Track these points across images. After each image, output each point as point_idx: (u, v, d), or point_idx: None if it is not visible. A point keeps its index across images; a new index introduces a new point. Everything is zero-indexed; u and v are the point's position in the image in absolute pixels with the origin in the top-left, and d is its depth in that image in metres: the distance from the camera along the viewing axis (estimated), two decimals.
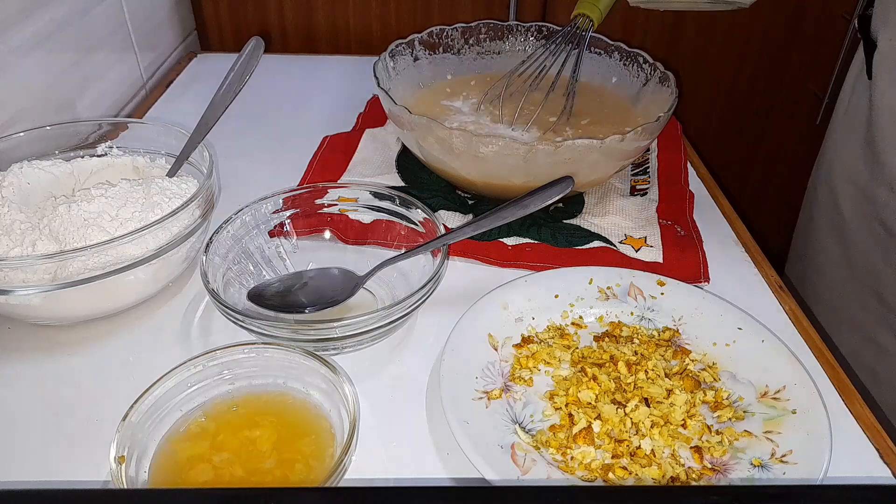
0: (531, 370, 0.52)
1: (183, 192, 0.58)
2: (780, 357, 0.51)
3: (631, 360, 0.51)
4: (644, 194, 0.72)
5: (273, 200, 0.60)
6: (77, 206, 0.53)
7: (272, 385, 0.47)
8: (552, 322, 0.56)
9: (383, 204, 0.61)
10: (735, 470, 0.45)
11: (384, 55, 0.74)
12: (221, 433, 0.44)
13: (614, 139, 0.59)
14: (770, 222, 1.36)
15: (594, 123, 0.74)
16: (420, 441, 0.47)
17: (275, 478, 0.42)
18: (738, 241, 0.67)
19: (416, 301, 0.50)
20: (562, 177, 0.57)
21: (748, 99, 1.22)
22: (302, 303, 0.54)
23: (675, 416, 0.48)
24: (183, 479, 0.41)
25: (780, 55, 1.16)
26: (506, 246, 0.64)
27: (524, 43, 0.82)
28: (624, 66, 0.77)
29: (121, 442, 0.41)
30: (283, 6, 1.07)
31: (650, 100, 0.73)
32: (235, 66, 0.61)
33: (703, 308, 0.56)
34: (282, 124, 0.85)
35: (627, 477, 0.44)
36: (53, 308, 0.52)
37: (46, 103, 0.73)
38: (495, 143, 0.59)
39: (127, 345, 0.54)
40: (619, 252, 0.63)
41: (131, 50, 0.90)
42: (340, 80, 0.96)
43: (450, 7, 1.07)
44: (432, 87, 0.79)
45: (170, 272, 0.57)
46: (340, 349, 0.52)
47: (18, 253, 0.51)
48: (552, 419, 0.49)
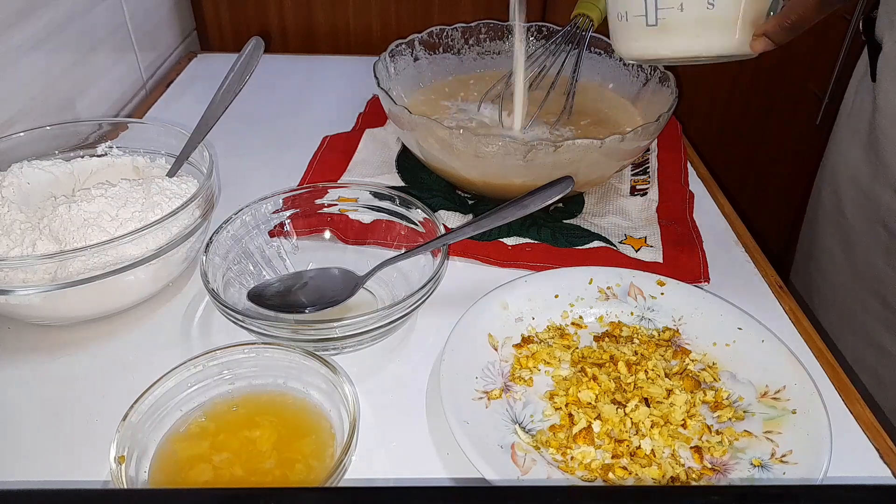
0: (531, 370, 0.52)
1: (183, 192, 0.58)
2: (780, 357, 0.51)
3: (631, 360, 0.51)
4: (644, 194, 0.72)
5: (273, 200, 0.60)
6: (77, 206, 0.53)
7: (272, 385, 0.47)
8: (552, 322, 0.56)
9: (383, 204, 0.61)
10: (735, 470, 0.45)
11: (384, 55, 0.74)
12: (221, 433, 0.44)
13: (614, 139, 0.59)
14: (770, 222, 1.36)
15: (594, 124, 0.74)
16: (420, 441, 0.47)
17: (275, 478, 0.42)
18: (738, 241, 0.67)
19: (416, 301, 0.50)
20: (562, 177, 0.57)
21: (748, 99, 1.22)
22: (302, 303, 0.54)
23: (675, 416, 0.48)
24: (183, 479, 0.41)
25: (780, 55, 1.16)
26: (506, 246, 0.64)
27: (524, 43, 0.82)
28: (624, 66, 0.77)
29: (121, 442, 0.41)
30: (283, 6, 1.07)
31: (650, 100, 0.74)
32: (235, 66, 0.61)
33: (703, 308, 0.55)
34: (282, 124, 0.85)
35: (627, 477, 0.44)
36: (53, 308, 0.52)
37: (46, 103, 0.73)
38: (495, 143, 0.59)
39: (127, 345, 0.54)
40: (619, 252, 0.63)
41: (131, 50, 0.90)
42: (340, 80, 0.96)
43: (450, 7, 1.07)
44: (432, 87, 0.79)
45: (170, 272, 0.57)
46: (340, 349, 0.52)
47: (18, 253, 0.51)
48: (552, 419, 0.49)
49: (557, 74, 0.74)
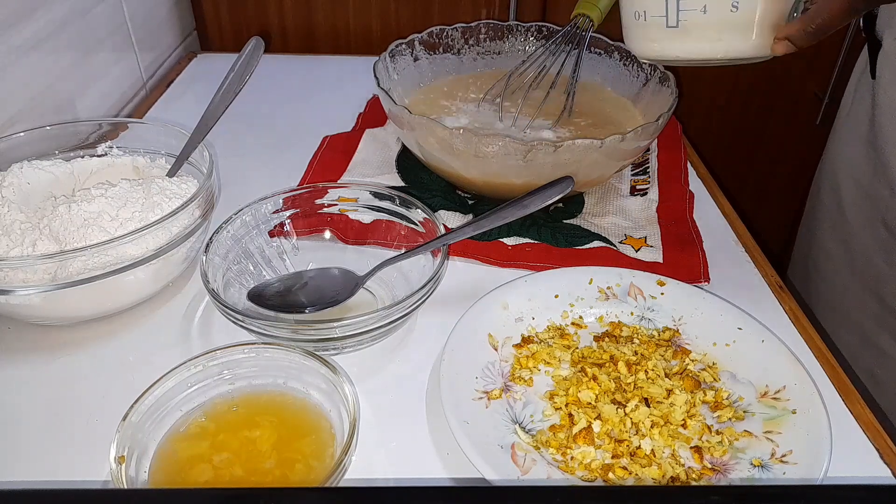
0: (531, 370, 0.52)
1: (183, 192, 0.58)
2: (780, 357, 0.51)
3: (631, 360, 0.51)
4: (644, 194, 0.72)
5: (273, 200, 0.60)
6: (77, 206, 0.53)
7: (272, 385, 0.47)
8: (552, 322, 0.56)
9: (383, 204, 0.61)
10: (735, 470, 0.45)
11: (384, 55, 0.74)
12: (221, 433, 0.44)
13: (614, 139, 0.59)
14: (770, 222, 1.36)
15: (594, 125, 0.74)
16: (420, 441, 0.47)
17: (275, 478, 0.42)
18: (738, 241, 0.67)
19: (416, 301, 0.50)
20: (562, 177, 0.57)
21: (748, 99, 1.22)
22: (302, 303, 0.54)
23: (675, 416, 0.48)
24: (183, 479, 0.41)
25: (780, 55, 1.16)
26: (506, 246, 0.64)
27: (524, 43, 0.82)
28: (624, 66, 0.77)
29: (121, 442, 0.41)
30: (283, 6, 1.07)
31: (650, 100, 0.73)
32: (235, 66, 0.61)
33: (703, 308, 0.55)
34: (282, 124, 0.85)
35: (627, 477, 0.44)
36: (53, 308, 0.52)
37: (46, 103, 0.73)
38: (495, 143, 0.59)
39: (127, 345, 0.54)
40: (619, 252, 0.63)
41: (131, 50, 0.90)
42: (340, 80, 0.96)
43: (450, 7, 1.07)
44: (432, 87, 0.79)
45: (170, 272, 0.57)
46: (340, 349, 0.52)
47: (18, 253, 0.51)
48: (552, 419, 0.49)
49: (557, 74, 0.74)
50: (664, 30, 0.51)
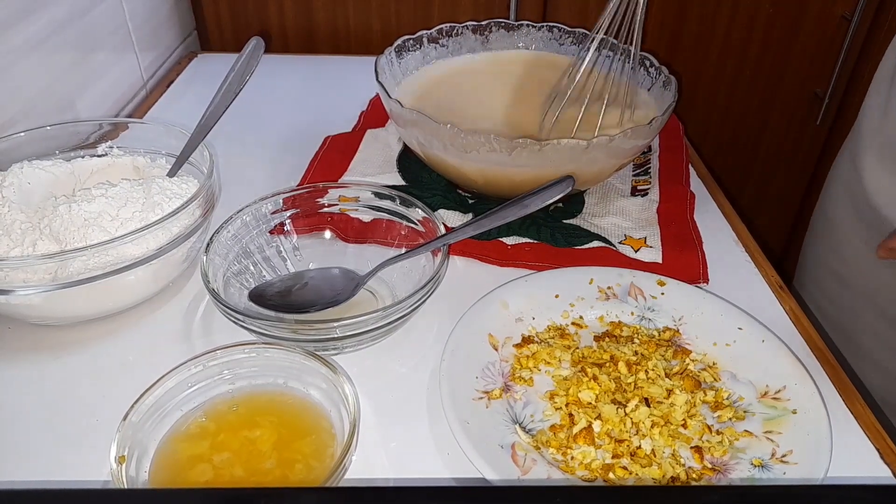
0: (531, 370, 0.52)
1: (183, 192, 0.58)
2: (780, 357, 0.51)
3: (631, 360, 0.51)
4: (645, 195, 0.71)
5: (273, 200, 0.60)
6: (77, 206, 0.53)
7: (272, 385, 0.47)
8: (552, 322, 0.56)
9: (384, 203, 0.61)
10: (735, 470, 0.45)
11: (389, 50, 0.73)
12: (222, 433, 0.44)
13: (602, 140, 0.59)
14: (770, 222, 1.36)
15: None
16: (420, 441, 0.47)
17: (275, 478, 0.42)
18: (738, 241, 0.67)
19: (417, 301, 0.50)
20: (562, 176, 0.57)
21: (748, 99, 1.22)
22: (302, 303, 0.54)
23: (676, 416, 0.48)
24: (183, 479, 0.41)
25: (780, 55, 1.16)
26: (505, 245, 0.64)
27: (531, 42, 0.82)
28: (631, 69, 0.77)
29: (121, 442, 0.41)
30: (283, 6, 1.07)
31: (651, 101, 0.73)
32: (236, 66, 0.61)
33: (704, 308, 0.55)
34: (282, 124, 0.85)
35: (628, 477, 0.44)
36: (54, 308, 0.52)
37: (46, 103, 0.73)
38: (479, 139, 0.58)
39: (127, 345, 0.54)
40: (619, 252, 0.63)
41: (131, 50, 0.90)
42: (340, 80, 0.96)
43: (450, 7, 1.07)
44: (433, 86, 0.79)
45: (170, 272, 0.57)
46: (341, 349, 0.52)
47: (19, 253, 0.51)
48: (552, 419, 0.49)
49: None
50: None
